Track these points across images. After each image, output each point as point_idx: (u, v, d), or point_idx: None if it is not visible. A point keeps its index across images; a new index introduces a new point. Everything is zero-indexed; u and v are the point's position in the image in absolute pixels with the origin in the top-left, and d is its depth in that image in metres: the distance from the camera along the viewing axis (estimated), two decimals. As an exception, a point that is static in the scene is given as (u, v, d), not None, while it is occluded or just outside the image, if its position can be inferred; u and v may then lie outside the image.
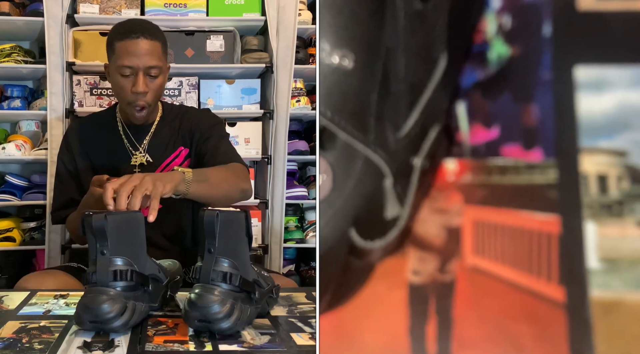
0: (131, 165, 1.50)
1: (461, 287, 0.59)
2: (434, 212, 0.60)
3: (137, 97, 1.43)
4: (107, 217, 0.90)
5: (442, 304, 0.59)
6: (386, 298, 0.60)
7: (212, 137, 1.51)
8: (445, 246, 0.60)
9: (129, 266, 0.91)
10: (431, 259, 0.60)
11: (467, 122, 0.60)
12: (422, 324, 0.59)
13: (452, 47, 0.53)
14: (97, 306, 0.87)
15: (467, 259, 0.60)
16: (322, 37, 0.50)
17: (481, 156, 0.60)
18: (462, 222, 0.60)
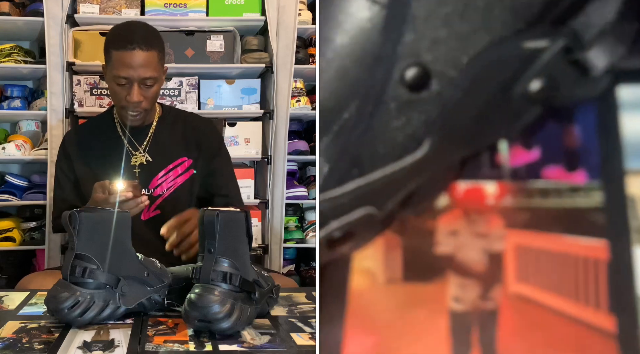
0: (131, 165, 1.50)
1: (505, 315, 0.57)
2: (474, 236, 0.58)
3: (131, 105, 1.44)
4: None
5: (486, 333, 0.56)
6: (427, 325, 0.57)
7: (217, 171, 1.56)
8: (486, 272, 0.57)
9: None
10: (473, 286, 0.56)
11: (506, 144, 0.57)
12: (465, 353, 0.57)
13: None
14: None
15: (510, 286, 0.58)
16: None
17: (522, 178, 0.58)
18: (504, 247, 0.58)
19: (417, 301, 0.57)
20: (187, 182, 1.52)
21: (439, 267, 0.58)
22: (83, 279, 0.93)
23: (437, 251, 0.58)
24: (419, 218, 0.58)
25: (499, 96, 0.47)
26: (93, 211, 0.99)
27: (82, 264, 0.93)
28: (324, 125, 0.49)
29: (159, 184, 1.50)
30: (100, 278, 0.94)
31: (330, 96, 0.48)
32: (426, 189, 0.52)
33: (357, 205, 0.49)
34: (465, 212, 0.59)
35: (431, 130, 0.47)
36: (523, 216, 0.57)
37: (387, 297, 0.58)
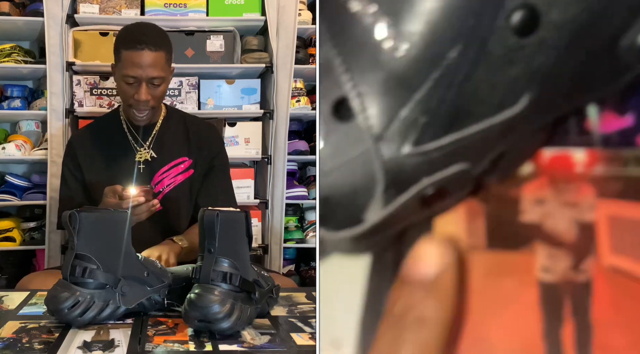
0: (136, 161, 1.52)
1: (599, 288, 0.54)
2: (562, 205, 0.55)
3: (139, 104, 1.47)
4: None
5: (579, 306, 0.54)
6: (515, 296, 0.55)
7: (215, 180, 1.58)
8: (577, 243, 0.54)
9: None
10: (563, 257, 0.55)
11: (596, 110, 0.54)
12: (557, 327, 0.54)
13: None
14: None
15: (604, 257, 0.55)
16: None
17: (614, 146, 0.55)
18: (596, 217, 0.55)
19: (503, 269, 0.55)
20: (186, 181, 1.54)
21: (525, 236, 0.56)
22: (83, 279, 0.93)
23: (523, 219, 0.57)
24: (503, 185, 0.56)
25: (605, 49, 0.44)
26: (93, 211, 0.99)
27: (82, 264, 0.93)
28: (422, 73, 0.45)
29: (160, 180, 1.53)
30: (100, 278, 0.94)
31: (434, 40, 0.45)
32: (515, 152, 0.50)
33: (452, 161, 0.47)
34: (551, 180, 0.56)
35: (532, 82, 0.44)
36: (616, 185, 0.55)
37: (472, 264, 0.56)
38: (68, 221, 0.94)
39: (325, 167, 0.48)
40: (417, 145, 0.46)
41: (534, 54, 0.44)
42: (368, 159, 0.47)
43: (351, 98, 0.47)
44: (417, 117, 0.46)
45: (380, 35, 0.45)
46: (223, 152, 1.63)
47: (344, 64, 0.47)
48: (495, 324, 0.54)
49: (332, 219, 0.49)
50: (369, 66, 0.46)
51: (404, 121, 0.46)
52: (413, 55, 0.45)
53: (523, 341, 0.54)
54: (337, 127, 0.48)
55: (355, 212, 0.47)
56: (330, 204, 0.49)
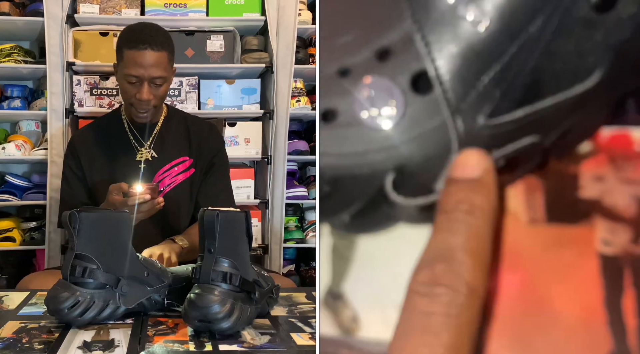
0: (137, 160, 1.52)
1: None
2: (622, 182, 0.56)
3: (140, 103, 1.47)
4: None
5: (639, 277, 0.55)
6: (576, 266, 0.56)
7: (215, 179, 1.58)
8: (637, 217, 0.55)
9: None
10: (623, 230, 0.56)
11: None
12: (618, 296, 0.55)
13: None
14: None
15: None
16: None
17: None
18: None
19: (563, 242, 0.56)
20: (186, 181, 1.54)
21: (585, 210, 0.57)
22: (83, 279, 0.93)
23: (582, 194, 0.58)
24: (562, 162, 0.57)
25: None
26: (93, 211, 0.99)
27: (82, 264, 0.93)
28: (499, 47, 0.46)
29: (161, 179, 1.53)
30: (100, 278, 0.94)
31: (514, 11, 0.45)
32: (580, 128, 0.50)
33: (524, 133, 0.48)
34: (611, 158, 0.58)
35: (605, 57, 0.45)
36: None
37: (532, 236, 0.57)
38: (68, 220, 0.94)
39: (403, 138, 0.49)
40: (491, 117, 0.47)
41: (611, 30, 0.44)
42: (444, 130, 0.48)
43: (430, 71, 0.47)
44: (493, 90, 0.47)
45: (462, 10, 0.46)
46: (223, 151, 1.64)
47: (424, 39, 0.48)
48: (557, 292, 0.55)
49: (407, 186, 0.50)
50: (449, 40, 0.47)
51: (480, 93, 0.47)
52: (494, 30, 0.46)
53: (585, 307, 0.55)
54: (415, 100, 0.48)
55: (428, 181, 0.49)
56: (406, 173, 0.50)
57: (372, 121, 0.49)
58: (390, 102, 0.49)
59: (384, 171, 0.50)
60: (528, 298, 0.55)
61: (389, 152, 0.49)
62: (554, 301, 0.55)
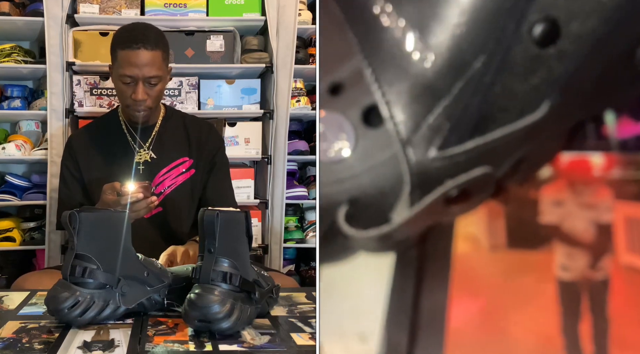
0: (136, 162, 1.52)
1: (616, 285, 0.56)
2: (580, 207, 0.58)
3: (136, 103, 1.46)
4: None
5: (596, 302, 0.56)
6: (535, 292, 0.57)
7: (220, 174, 1.58)
8: (595, 242, 0.57)
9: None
10: (581, 255, 0.57)
11: (613, 116, 0.56)
12: (575, 322, 0.56)
13: None
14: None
15: (621, 256, 0.57)
16: (403, 17, 0.47)
17: (630, 151, 0.57)
18: (613, 218, 0.57)
19: (523, 268, 0.58)
20: (187, 182, 1.54)
21: (545, 235, 0.58)
22: (83, 279, 0.93)
23: (542, 220, 0.59)
24: (522, 188, 0.58)
25: (622, 58, 0.45)
26: (93, 211, 0.99)
27: (82, 264, 0.93)
28: (448, 82, 0.47)
29: (161, 181, 1.52)
30: (100, 277, 0.94)
31: (459, 51, 0.47)
32: (535, 156, 0.52)
33: (475, 164, 0.48)
34: (570, 183, 0.59)
35: (552, 90, 0.46)
36: (633, 188, 0.57)
37: (492, 263, 0.58)
38: (68, 221, 0.94)
39: (355, 170, 0.50)
40: (442, 149, 0.48)
41: (554, 63, 0.45)
42: (396, 162, 0.49)
43: (380, 105, 0.49)
44: (443, 123, 0.48)
45: (409, 47, 0.47)
46: (223, 151, 1.63)
47: (374, 74, 0.49)
48: (516, 319, 0.56)
49: (360, 218, 0.50)
50: (398, 76, 0.48)
51: (430, 126, 0.48)
52: (440, 66, 0.47)
53: (542, 335, 0.56)
54: (366, 133, 0.50)
55: (382, 212, 0.50)
56: (359, 205, 0.50)
57: (324, 154, 0.50)
58: (341, 136, 0.51)
59: (338, 204, 0.51)
60: (488, 326, 0.55)
61: (342, 184, 0.50)
62: (512, 329, 0.56)
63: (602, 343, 0.55)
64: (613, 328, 0.56)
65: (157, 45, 1.45)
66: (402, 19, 0.47)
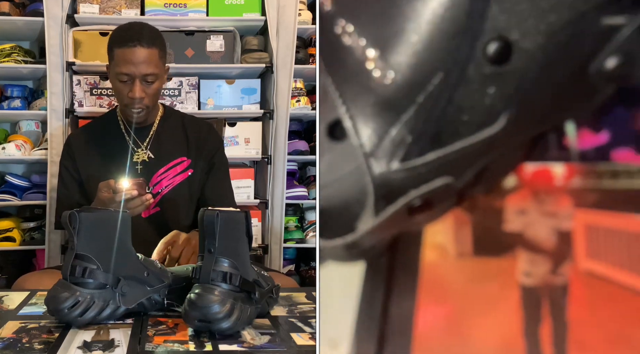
0: (134, 162, 1.52)
1: (576, 290, 0.58)
2: (543, 215, 0.60)
3: (133, 101, 1.46)
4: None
5: (556, 307, 0.58)
6: (498, 298, 0.59)
7: (220, 174, 1.58)
8: (556, 249, 0.59)
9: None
10: (542, 262, 0.60)
11: (574, 127, 0.59)
12: (536, 326, 0.58)
13: None
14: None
15: (580, 262, 0.59)
16: (362, 36, 0.49)
17: (590, 160, 0.59)
18: (573, 226, 0.60)
19: (487, 274, 0.60)
20: (185, 182, 1.54)
21: (509, 243, 0.61)
22: (83, 279, 0.93)
23: (506, 228, 0.61)
24: (488, 197, 0.60)
25: (575, 73, 0.47)
26: (93, 211, 0.99)
27: (82, 264, 0.93)
28: (408, 97, 0.49)
29: (159, 181, 1.52)
30: (100, 278, 0.94)
31: (418, 69, 0.49)
32: (497, 166, 0.54)
33: (436, 175, 0.50)
34: (533, 192, 0.61)
35: (509, 104, 0.48)
36: (592, 197, 0.60)
37: (459, 270, 0.61)
38: (68, 221, 0.94)
39: (321, 182, 0.52)
40: (404, 161, 0.50)
41: (509, 80, 0.47)
42: (360, 174, 0.51)
43: (344, 120, 0.51)
44: (404, 136, 0.50)
45: (369, 65, 0.49)
46: (222, 150, 1.63)
47: (338, 90, 0.51)
48: (480, 324, 0.58)
49: (328, 228, 0.52)
50: (360, 92, 0.50)
51: (392, 140, 0.50)
52: (399, 82, 0.49)
53: (505, 338, 0.58)
54: (332, 146, 0.52)
55: (348, 222, 0.52)
56: (326, 215, 0.52)
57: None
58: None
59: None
60: (453, 331, 0.58)
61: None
62: (476, 333, 0.58)
63: (561, 345, 0.57)
64: (571, 331, 0.58)
65: (154, 43, 1.45)
66: (363, 38, 0.49)
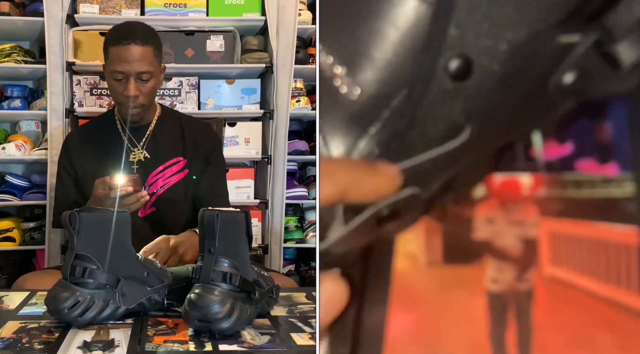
0: (130, 161, 1.52)
1: (540, 296, 0.60)
2: (509, 223, 0.62)
3: (128, 100, 1.46)
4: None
5: (522, 312, 0.60)
6: (466, 304, 0.61)
7: (214, 173, 1.57)
8: (522, 256, 0.61)
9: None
10: (509, 269, 0.62)
11: (540, 138, 0.61)
12: (502, 331, 0.60)
13: None
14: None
15: (544, 269, 0.61)
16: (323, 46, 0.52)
17: (555, 171, 0.62)
18: (539, 234, 0.62)
19: (456, 282, 0.62)
20: (181, 182, 1.53)
21: (477, 251, 0.63)
22: (83, 279, 0.93)
23: (475, 236, 0.63)
24: (458, 206, 0.62)
25: (535, 89, 0.50)
26: (93, 211, 0.99)
27: (82, 264, 0.93)
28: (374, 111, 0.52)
29: (154, 181, 1.52)
30: (100, 278, 0.94)
31: (383, 85, 0.51)
32: (465, 177, 0.57)
33: (404, 186, 0.52)
34: (501, 201, 0.64)
35: (471, 118, 0.50)
36: (557, 206, 0.62)
37: (429, 278, 0.63)
38: (68, 221, 0.94)
39: None
40: None
41: (471, 95, 0.50)
42: None
43: (318, 132, 0.53)
44: (372, 149, 0.52)
45: (337, 81, 0.52)
46: (218, 150, 1.62)
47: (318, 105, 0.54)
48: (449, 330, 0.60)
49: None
50: (330, 106, 0.53)
51: (360, 152, 0.52)
52: (365, 98, 0.52)
53: (472, 343, 0.60)
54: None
55: (321, 230, 0.54)
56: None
57: None
58: None
59: None
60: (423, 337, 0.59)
61: None
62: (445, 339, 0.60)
63: (526, 349, 0.59)
64: (535, 336, 0.60)
65: (148, 41, 1.45)
66: (330, 56, 0.52)
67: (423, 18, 0.50)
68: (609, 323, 0.58)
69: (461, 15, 0.48)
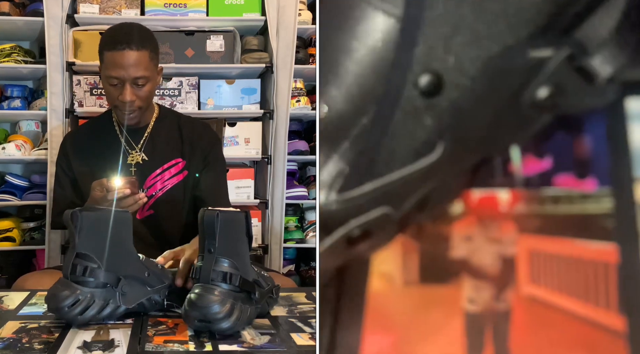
0: (128, 163, 1.51)
1: (518, 316, 0.60)
2: (487, 241, 0.61)
3: (124, 105, 1.45)
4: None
5: (499, 333, 0.59)
6: (443, 325, 0.61)
7: (206, 180, 1.55)
8: (500, 275, 0.61)
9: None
10: (487, 288, 0.61)
11: (519, 154, 0.60)
12: (479, 352, 0.59)
13: None
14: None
15: (523, 288, 0.61)
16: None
17: (534, 186, 0.61)
18: (517, 252, 0.61)
19: (433, 302, 0.61)
20: (180, 183, 1.52)
21: (454, 270, 0.62)
22: (83, 277, 0.93)
23: (452, 255, 0.62)
24: (435, 224, 0.61)
25: (508, 104, 0.49)
26: (94, 211, 0.99)
27: (83, 263, 0.93)
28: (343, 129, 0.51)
29: (153, 184, 1.51)
30: (101, 277, 0.94)
31: (351, 102, 0.50)
32: (440, 194, 0.55)
33: (375, 205, 0.51)
34: (479, 218, 0.62)
35: (444, 135, 0.49)
36: (535, 222, 0.61)
37: (405, 298, 0.62)
38: (70, 219, 0.94)
39: None
40: (341, 192, 0.51)
41: (443, 111, 0.49)
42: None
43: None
44: (342, 167, 0.51)
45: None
46: (217, 150, 1.61)
47: None
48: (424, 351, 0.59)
49: None
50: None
51: (329, 171, 0.51)
52: (334, 116, 0.51)
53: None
54: None
55: None
56: None
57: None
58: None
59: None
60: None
61: None
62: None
63: None
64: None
65: (143, 45, 1.43)
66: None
67: (391, 33, 0.49)
68: (587, 344, 0.57)
69: (429, 30, 0.47)
